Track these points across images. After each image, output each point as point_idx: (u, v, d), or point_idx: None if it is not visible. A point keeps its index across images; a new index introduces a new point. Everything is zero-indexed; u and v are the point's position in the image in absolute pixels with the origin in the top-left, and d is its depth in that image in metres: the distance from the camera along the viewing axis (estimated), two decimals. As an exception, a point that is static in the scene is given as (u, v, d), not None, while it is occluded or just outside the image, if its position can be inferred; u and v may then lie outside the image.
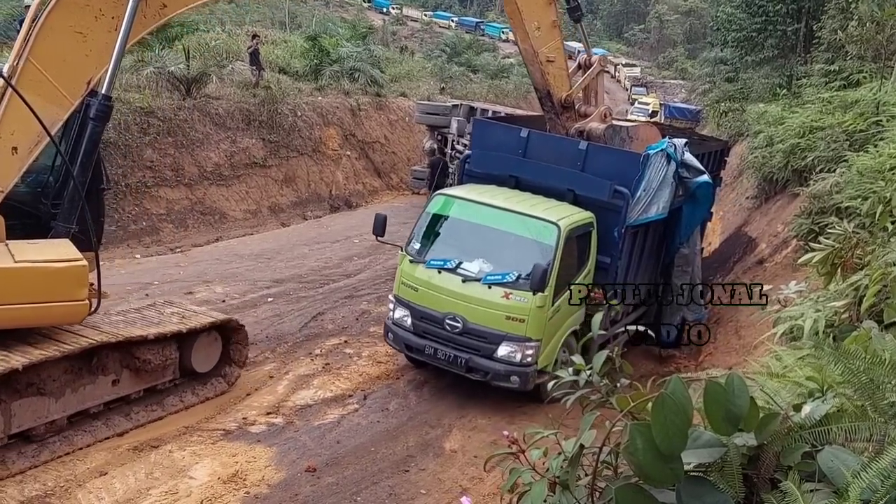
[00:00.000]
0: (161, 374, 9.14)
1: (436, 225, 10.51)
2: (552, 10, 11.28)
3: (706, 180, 11.21)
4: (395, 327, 10.25)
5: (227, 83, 21.05)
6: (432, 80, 35.53)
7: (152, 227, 16.97)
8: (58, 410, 8.04)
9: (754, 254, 14.78)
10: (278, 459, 8.44)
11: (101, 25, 7.69)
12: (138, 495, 7.56)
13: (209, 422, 9.07)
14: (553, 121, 11.96)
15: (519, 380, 9.42)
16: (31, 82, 7.39)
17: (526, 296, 9.31)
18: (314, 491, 7.98)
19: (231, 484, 7.91)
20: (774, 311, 6.00)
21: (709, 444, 1.96)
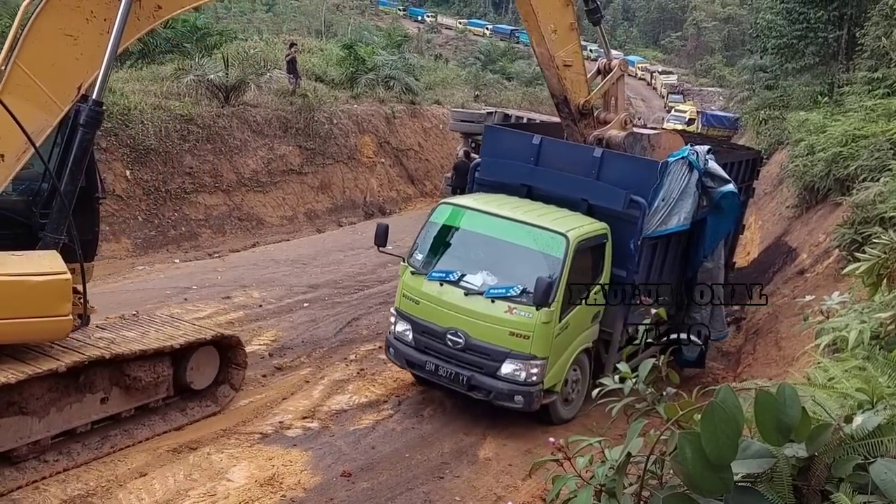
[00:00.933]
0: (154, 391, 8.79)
1: (439, 235, 9.99)
2: (570, 11, 10.69)
3: (731, 190, 10.57)
4: (397, 342, 9.83)
5: (264, 91, 21.24)
6: (466, 88, 35.57)
7: (191, 233, 17.19)
8: (41, 431, 7.65)
9: (795, 264, 14.54)
10: (314, 463, 8.47)
11: (93, 28, 7.34)
12: (177, 496, 7.62)
13: (246, 425, 9.11)
14: (570, 128, 11.37)
15: (523, 399, 8.95)
16: (18, 87, 7.11)
17: (530, 311, 8.82)
18: (349, 496, 7.99)
19: (268, 487, 7.94)
20: (817, 323, 5.89)
21: (759, 455, 1.94)
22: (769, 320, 12.73)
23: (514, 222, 9.43)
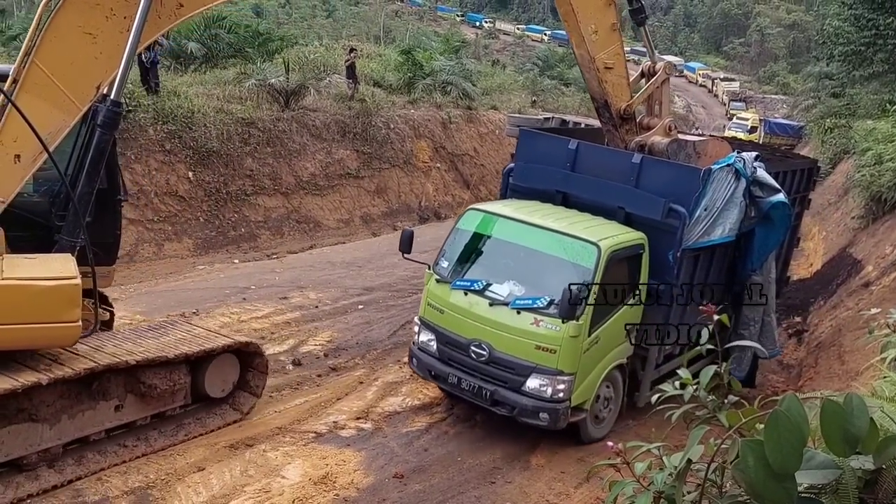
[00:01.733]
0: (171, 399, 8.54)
1: (467, 242, 9.58)
2: (612, 11, 10.14)
3: (782, 200, 9.86)
4: (420, 352, 9.46)
5: (323, 95, 21.49)
6: (524, 94, 35.50)
7: (250, 234, 17.46)
8: (52, 439, 7.42)
9: (860, 276, 14.16)
10: (367, 464, 8.52)
11: (113, 26, 7.11)
12: (233, 491, 7.75)
13: (301, 424, 9.22)
14: (611, 133, 10.84)
15: (549, 417, 8.47)
16: (36, 86, 6.98)
17: (557, 323, 8.34)
18: (401, 497, 8.02)
19: (321, 485, 8.01)
20: (883, 336, 5.72)
21: (823, 466, 1.90)
22: (832, 333, 12.42)
23: (544, 230, 9.01)
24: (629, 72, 10.92)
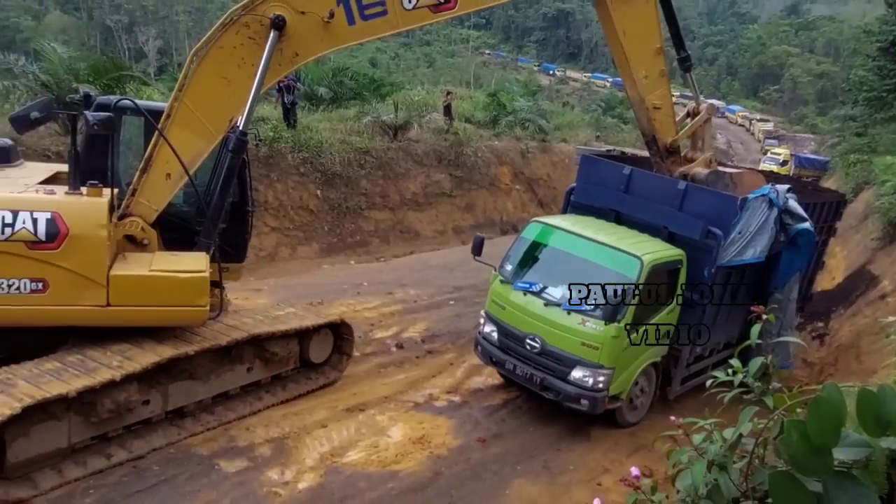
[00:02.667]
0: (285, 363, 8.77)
1: (528, 250, 9.30)
2: (661, 59, 9.75)
3: (808, 228, 9.42)
4: (484, 341, 9.25)
5: (424, 129, 21.65)
6: (589, 130, 35.09)
7: (363, 241, 17.77)
8: (204, 392, 7.86)
9: (877, 289, 13.50)
10: (455, 429, 8.59)
11: (243, 72, 7.30)
12: (349, 445, 7.95)
13: (402, 395, 9.33)
14: (658, 164, 10.43)
15: (588, 403, 8.22)
16: (184, 120, 7.25)
17: (601, 324, 8.12)
18: (483, 457, 8.07)
19: (419, 444, 8.14)
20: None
21: (857, 444, 1.85)
22: (851, 337, 11.87)
23: (595, 243, 8.71)
24: (676, 112, 10.55)
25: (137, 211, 7.35)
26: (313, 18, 7.37)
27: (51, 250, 6.47)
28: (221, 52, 7.22)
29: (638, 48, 9.38)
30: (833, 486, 1.86)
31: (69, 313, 6.75)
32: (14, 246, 6.37)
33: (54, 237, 6.46)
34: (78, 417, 6.57)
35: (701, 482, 2.01)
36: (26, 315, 6.57)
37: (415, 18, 7.84)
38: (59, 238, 6.47)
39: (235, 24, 7.20)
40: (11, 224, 6.35)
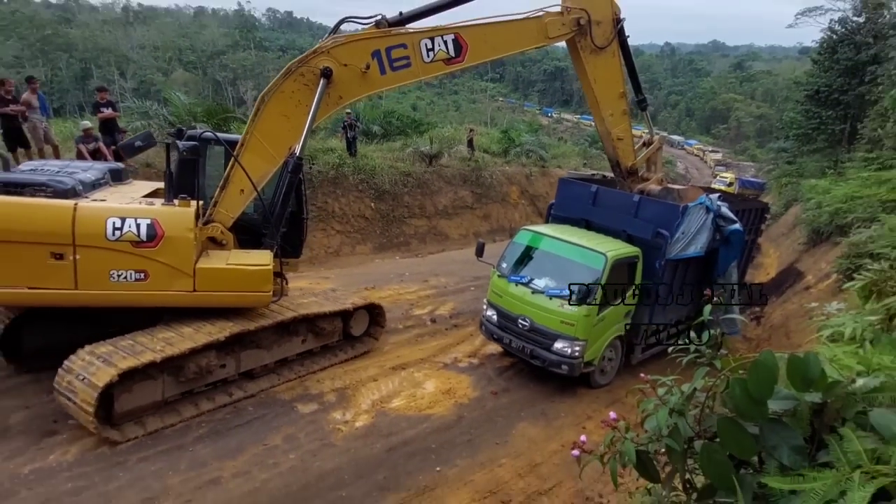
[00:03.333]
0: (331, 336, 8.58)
1: (519, 251, 8.98)
2: (623, 101, 9.48)
3: (738, 228, 9.17)
4: (487, 322, 9.07)
5: (452, 157, 21.57)
6: (578, 158, 34.53)
7: (405, 242, 17.79)
8: (268, 358, 7.78)
9: (803, 282, 13.17)
10: (474, 384, 8.57)
11: (300, 111, 7.18)
12: (394, 394, 7.99)
13: (434, 357, 9.32)
14: (621, 183, 10.18)
15: (568, 368, 8.08)
16: (254, 148, 7.19)
17: (575, 306, 7.93)
18: (495, 405, 8.06)
19: (447, 395, 8.15)
20: (819, 321, 5.33)
21: (787, 398, 1.81)
22: (782, 319, 11.60)
23: (570, 244, 8.52)
24: (634, 141, 10.31)
25: (218, 218, 7.32)
26: (353, 70, 7.26)
27: (150, 248, 6.48)
28: (283, 96, 7.15)
29: (605, 92, 9.19)
30: (767, 430, 1.83)
31: (164, 297, 6.72)
32: (122, 245, 6.38)
33: (153, 238, 6.47)
34: (169, 377, 6.63)
35: (664, 424, 1.99)
36: (131, 298, 6.57)
37: (432, 69, 7.65)
38: (156, 239, 6.48)
39: (294, 74, 7.12)
40: (120, 228, 6.37)
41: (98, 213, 6.39)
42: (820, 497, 1.60)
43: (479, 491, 6.22)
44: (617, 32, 8.83)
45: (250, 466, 6.17)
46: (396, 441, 6.93)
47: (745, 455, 1.81)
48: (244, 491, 5.81)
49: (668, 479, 2.07)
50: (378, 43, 7.31)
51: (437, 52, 7.55)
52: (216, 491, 5.77)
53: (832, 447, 1.72)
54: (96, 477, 5.76)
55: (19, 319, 7.04)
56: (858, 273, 6.08)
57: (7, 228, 6.04)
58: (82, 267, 6.29)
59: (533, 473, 6.66)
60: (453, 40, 7.57)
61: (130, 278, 6.49)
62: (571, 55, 8.95)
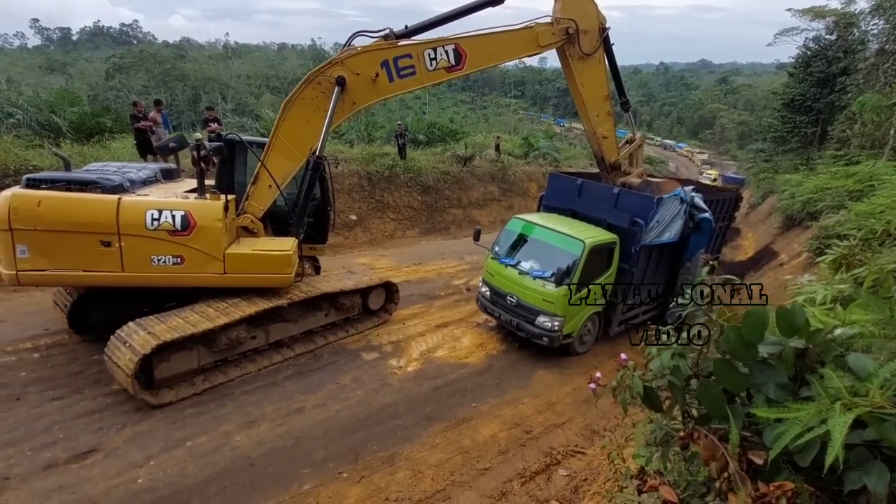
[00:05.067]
0: (351, 310, 7.91)
1: (510, 236, 8.36)
2: (608, 103, 8.77)
3: (707, 217, 8.50)
4: (482, 297, 8.50)
5: (483, 159, 21.28)
6: (585, 159, 33.56)
7: (446, 227, 17.72)
8: (295, 330, 7.23)
9: (777, 260, 12.57)
10: (501, 340, 8.50)
11: (319, 116, 6.69)
12: (438, 346, 8.01)
13: (469, 318, 9.26)
14: (605, 177, 9.45)
15: (548, 340, 7.54)
16: (280, 148, 6.73)
17: (555, 286, 7.40)
18: (518, 356, 8.01)
19: (479, 347, 8.12)
20: (795, 290, 5.08)
21: (774, 343, 1.74)
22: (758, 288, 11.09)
23: (554, 231, 7.93)
24: (618, 139, 9.46)
25: (250, 210, 6.89)
26: (365, 78, 6.78)
27: (185, 236, 6.09)
28: (303, 102, 6.68)
29: (592, 95, 8.53)
30: (756, 369, 1.76)
31: (199, 279, 6.29)
32: (160, 233, 6.00)
33: (187, 227, 6.06)
34: (204, 348, 6.20)
35: (667, 365, 1.94)
36: (171, 279, 6.18)
37: (435, 76, 7.05)
38: (190, 228, 6.08)
39: (312, 83, 6.66)
40: (158, 219, 5.98)
41: (138, 206, 5.99)
42: (802, 425, 1.54)
43: (506, 423, 6.24)
44: (602, 40, 8.20)
45: (326, 399, 6.35)
46: (440, 382, 6.98)
47: (737, 389, 1.76)
48: (322, 418, 5.99)
49: (669, 409, 2.02)
50: (386, 54, 6.82)
51: (439, 61, 7.03)
52: (301, 417, 5.97)
53: (814, 384, 1.64)
54: (211, 404, 6.04)
55: (84, 297, 6.72)
56: (829, 250, 5.77)
57: (63, 220, 5.75)
58: (127, 253, 5.96)
59: (549, 410, 6.63)
60: (454, 50, 7.05)
61: (169, 262, 6.12)
62: (561, 62, 8.26)
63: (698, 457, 1.81)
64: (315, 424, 5.86)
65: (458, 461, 5.48)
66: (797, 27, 24.34)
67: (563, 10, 7.76)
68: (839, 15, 22.09)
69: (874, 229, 6.31)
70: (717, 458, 1.58)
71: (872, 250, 4.97)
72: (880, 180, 9.59)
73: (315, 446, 5.52)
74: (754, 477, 1.62)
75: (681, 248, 8.82)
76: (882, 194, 7.85)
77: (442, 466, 5.36)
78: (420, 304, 9.77)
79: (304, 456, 5.36)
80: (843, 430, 1.31)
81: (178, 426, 5.61)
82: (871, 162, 12.32)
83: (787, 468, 1.58)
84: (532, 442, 5.94)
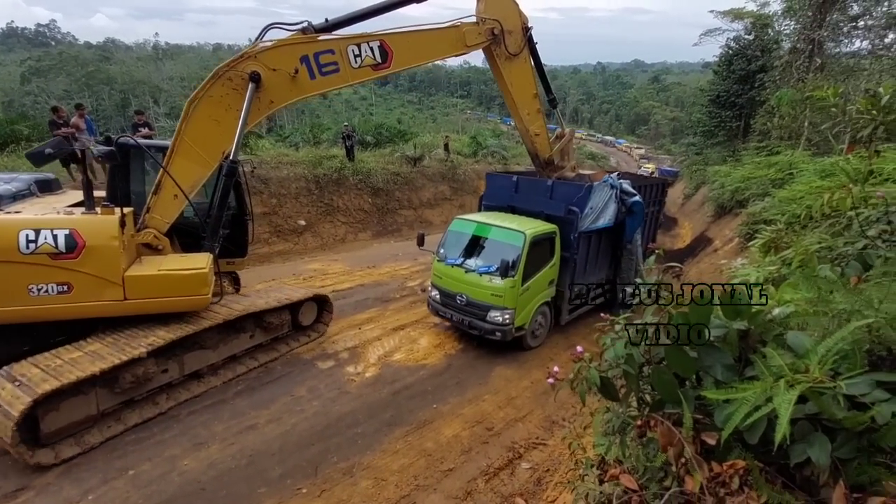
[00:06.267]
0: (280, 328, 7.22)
1: (454, 237, 8.18)
2: (537, 101, 8.71)
3: (638, 200, 8.74)
4: (432, 301, 8.32)
5: (432, 159, 21.30)
6: (532, 157, 34.62)
7: (398, 229, 17.59)
8: (215, 357, 6.43)
9: (712, 246, 13.39)
10: (459, 339, 8.48)
11: (230, 115, 6.03)
12: (395, 349, 7.89)
13: (426, 319, 9.18)
14: (540, 172, 9.48)
15: (500, 334, 7.47)
16: (185, 152, 6.00)
17: (501, 280, 7.36)
18: (476, 354, 8.00)
19: (437, 348, 8.07)
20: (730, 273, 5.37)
21: (719, 326, 1.79)
22: (697, 275, 11.76)
23: (495, 226, 7.87)
24: (549, 135, 9.50)
25: (152, 224, 6.09)
26: (282, 74, 6.18)
27: (71, 259, 5.18)
28: (211, 100, 5.98)
29: (521, 94, 8.45)
30: (704, 353, 1.80)
31: (93, 309, 5.40)
32: (39, 258, 5.06)
33: (73, 249, 5.16)
34: (103, 389, 5.33)
35: (621, 354, 1.96)
36: (56, 312, 5.24)
37: (361, 75, 6.59)
38: (77, 249, 5.18)
39: (222, 78, 5.98)
40: (35, 240, 5.04)
41: (7, 226, 5.01)
42: (750, 404, 1.58)
43: (468, 421, 6.23)
44: (527, 40, 8.14)
45: (281, 413, 6.08)
46: (399, 386, 6.87)
47: (688, 373, 1.79)
48: (277, 433, 5.72)
49: (625, 398, 2.04)
50: (305, 48, 6.26)
51: (364, 58, 6.57)
52: (254, 434, 5.68)
53: (757, 364, 1.70)
54: (154, 428, 5.62)
55: None
56: (758, 234, 6.18)
57: None
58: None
59: (510, 405, 6.68)
60: (379, 47, 6.61)
61: (53, 291, 5.17)
62: (489, 62, 8.15)
63: (655, 442, 1.83)
64: (270, 440, 5.59)
65: (421, 465, 5.40)
66: (719, 28, 26.14)
67: (485, 9, 7.70)
68: (755, 16, 23.86)
69: (796, 213, 6.81)
70: (675, 443, 1.60)
71: (796, 233, 5.33)
72: (798, 169, 10.44)
73: (271, 463, 5.26)
74: (708, 457, 1.66)
75: (619, 233, 9.05)
76: (801, 181, 8.52)
77: (405, 472, 5.27)
78: (375, 307, 9.60)
79: (260, 475, 5.09)
80: (788, 407, 1.35)
81: (117, 455, 5.17)
82: (789, 152, 13.40)
83: (738, 446, 1.62)
84: (494, 438, 5.96)
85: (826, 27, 16.50)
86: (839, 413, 1.43)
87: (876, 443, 1.43)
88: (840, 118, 7.56)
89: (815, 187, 7.25)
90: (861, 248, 2.68)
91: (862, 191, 4.79)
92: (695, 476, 1.56)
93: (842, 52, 17.52)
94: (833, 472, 1.43)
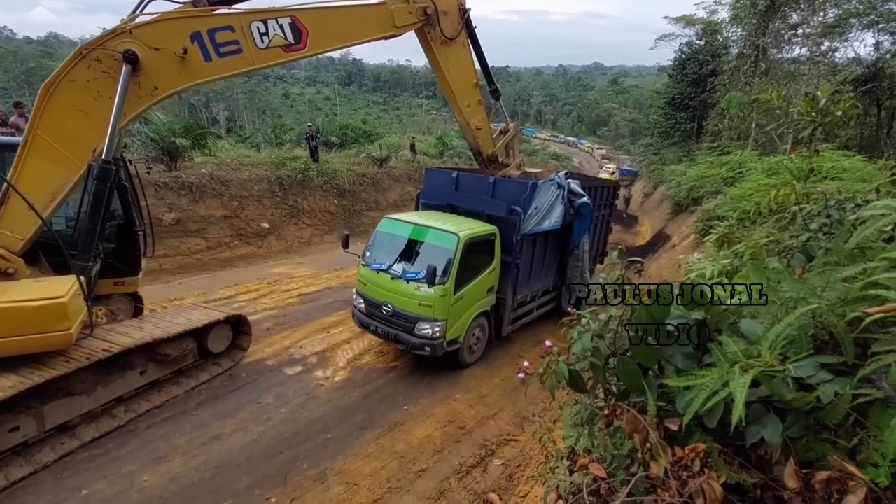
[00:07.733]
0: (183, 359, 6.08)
1: (382, 239, 7.40)
2: (477, 92, 7.95)
3: (586, 201, 8.26)
4: (356, 311, 7.47)
5: (398, 160, 21.23)
6: (498, 158, 35.01)
7: (365, 230, 17.31)
8: (91, 403, 5.23)
9: (670, 242, 13.95)
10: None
11: (101, 105, 4.85)
12: (365, 352, 7.71)
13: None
14: (484, 170, 8.76)
15: (430, 349, 6.71)
16: (41, 151, 4.80)
17: (430, 288, 6.55)
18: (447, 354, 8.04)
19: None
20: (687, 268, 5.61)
21: (679, 316, 1.88)
22: (657, 270, 12.21)
23: (426, 227, 7.07)
24: (493, 130, 8.91)
25: (0, 241, 4.90)
26: (167, 55, 5.02)
27: None
28: (74, 86, 4.80)
29: (460, 84, 7.66)
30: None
31: None
32: None
33: None
34: None
35: (588, 347, 2.02)
36: None
37: (269, 57, 5.54)
38: None
39: (87, 59, 4.79)
40: None
41: None
42: (708, 389, 1.67)
43: (439, 421, 6.23)
44: (465, 23, 7.36)
45: (247, 422, 5.90)
46: (370, 389, 6.80)
47: (651, 363, 1.87)
48: (243, 443, 5.55)
49: (592, 389, 2.11)
50: (196, 24, 5.12)
51: (272, 38, 5.54)
52: (219, 445, 5.49)
53: (714, 351, 1.80)
54: (109, 444, 5.34)
55: None
56: (712, 230, 6.49)
57: None
58: None
59: (481, 403, 6.73)
60: (290, 24, 5.59)
61: None
62: (423, 47, 7.29)
63: (622, 431, 1.90)
64: (235, 451, 5.41)
65: (393, 467, 5.36)
66: (673, 33, 27.43)
67: None
68: (706, 23, 25.07)
69: (746, 210, 7.21)
70: (640, 430, 1.67)
71: (747, 228, 5.66)
72: (747, 168, 11.05)
73: (237, 474, 5.10)
74: (671, 442, 1.74)
75: (566, 236, 8.57)
76: (749, 179, 9.03)
77: (377, 475, 5.22)
78: (343, 310, 9.45)
79: (226, 486, 4.93)
80: (743, 391, 1.43)
81: (69, 474, 4.87)
82: (739, 152, 14.14)
83: (699, 431, 1.70)
84: (466, 437, 5.99)
85: (769, 34, 17.52)
86: (788, 395, 1.53)
87: (821, 421, 1.54)
88: (783, 120, 7.99)
89: (762, 185, 7.69)
90: (805, 241, 2.86)
91: (804, 187, 5.10)
92: (659, 461, 1.63)
93: (784, 57, 18.65)
94: (784, 451, 1.53)
